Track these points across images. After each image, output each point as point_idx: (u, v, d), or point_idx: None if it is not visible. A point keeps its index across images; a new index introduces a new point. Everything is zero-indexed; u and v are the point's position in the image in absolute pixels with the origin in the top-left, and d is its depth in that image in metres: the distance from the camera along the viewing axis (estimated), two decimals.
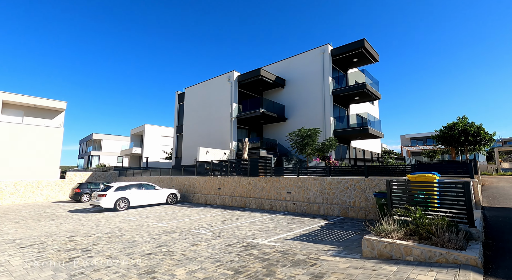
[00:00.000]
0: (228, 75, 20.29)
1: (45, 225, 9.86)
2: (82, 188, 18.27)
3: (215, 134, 20.62)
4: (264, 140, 19.05)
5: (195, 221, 9.81)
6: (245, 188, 13.50)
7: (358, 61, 19.36)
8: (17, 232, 8.71)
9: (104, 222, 10.06)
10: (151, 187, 14.94)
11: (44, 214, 12.82)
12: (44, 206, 16.49)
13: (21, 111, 24.62)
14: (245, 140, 16.26)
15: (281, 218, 9.82)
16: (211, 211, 12.30)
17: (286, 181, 11.83)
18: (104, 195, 12.89)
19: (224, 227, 8.42)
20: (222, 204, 14.42)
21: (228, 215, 10.84)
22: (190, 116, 23.52)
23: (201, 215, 11.06)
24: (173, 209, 13.24)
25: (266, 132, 21.96)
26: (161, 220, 10.28)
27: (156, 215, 11.44)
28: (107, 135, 47.44)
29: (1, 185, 18.40)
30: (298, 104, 19.94)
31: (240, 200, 13.50)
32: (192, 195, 16.33)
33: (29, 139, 22.82)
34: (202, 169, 16.63)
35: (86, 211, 13.43)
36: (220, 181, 14.93)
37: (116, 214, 12.08)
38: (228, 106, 19.90)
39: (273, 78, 19.78)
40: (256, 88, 21.36)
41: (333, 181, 10.23)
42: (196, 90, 23.47)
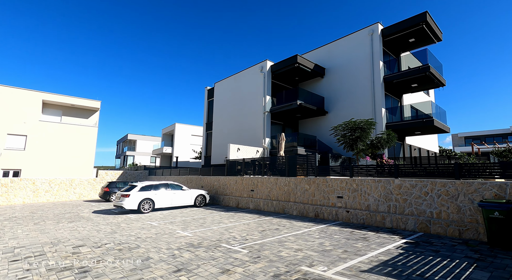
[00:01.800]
0: (261, 65, 18.42)
1: (60, 228, 8.77)
2: (111, 187, 17.67)
3: (247, 131, 18.85)
4: (301, 136, 16.79)
5: (225, 230, 7.98)
6: (283, 190, 11.42)
7: (416, 42, 16.21)
8: (27, 236, 7.63)
9: (123, 227, 8.68)
10: (178, 187, 13.55)
11: (67, 214, 12.01)
12: (73, 205, 16.04)
13: (59, 111, 25.28)
14: (281, 135, 14.20)
15: (335, 230, 7.57)
16: (244, 216, 10.43)
17: (335, 183, 9.53)
18: (128, 195, 11.72)
19: (263, 242, 6.44)
20: (256, 208, 12.50)
21: (265, 223, 8.85)
22: (220, 112, 22.09)
23: (232, 222, 9.23)
24: (201, 213, 11.63)
25: (302, 128, 19.67)
26: (186, 227, 8.63)
27: (182, 220, 9.87)
28: (141, 135, 48.57)
29: (37, 182, 18.53)
30: (341, 95, 17.36)
31: (277, 205, 11.45)
32: (222, 197, 14.67)
33: (66, 138, 23.20)
34: (233, 168, 14.92)
35: (110, 212, 12.41)
36: (253, 181, 13.04)
37: (139, 217, 10.77)
38: (260, 100, 18.01)
39: (312, 67, 17.46)
40: (291, 79, 19.19)
41: (404, 183, 7.71)
42: (226, 84, 21.99)
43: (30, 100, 22.30)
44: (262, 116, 17.72)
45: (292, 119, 19.63)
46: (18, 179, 17.99)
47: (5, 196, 17.21)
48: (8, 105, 21.15)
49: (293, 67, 16.90)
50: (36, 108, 22.58)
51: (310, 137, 17.21)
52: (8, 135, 21.19)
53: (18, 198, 17.62)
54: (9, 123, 21.05)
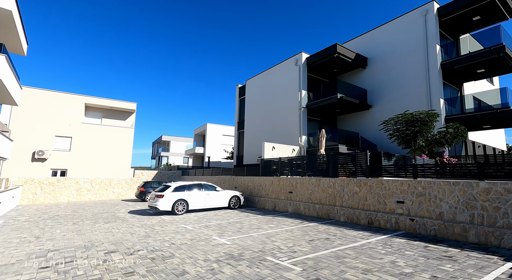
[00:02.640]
0: (295, 58, 17.23)
1: (96, 229, 8.51)
2: (146, 187, 17.76)
3: (281, 129, 17.77)
4: (342, 133, 15.26)
5: (267, 238, 7.00)
6: (327, 192, 10.15)
7: (481, 20, 13.77)
8: (63, 238, 7.40)
9: (157, 231, 8.15)
10: (212, 188, 12.93)
11: (105, 214, 11.99)
12: (111, 204, 16.32)
13: (100, 113, 26.53)
14: (322, 132, 12.88)
15: (401, 243, 6.17)
16: (284, 221, 9.37)
17: (393, 186, 8.05)
18: (162, 196, 11.33)
19: (317, 256, 5.33)
20: (295, 211, 11.37)
21: (311, 231, 7.70)
22: (252, 110, 21.29)
23: (273, 228, 8.22)
24: (237, 216, 10.82)
25: (341, 125, 18.05)
26: (222, 232, 7.82)
27: (217, 224, 9.11)
28: (174, 136, 49.94)
29: (80, 182, 19.35)
30: (387, 86, 15.49)
31: (320, 209, 10.21)
32: (257, 199, 13.77)
33: (105, 139, 24.17)
34: (268, 168, 13.94)
35: (145, 213, 12.17)
36: (291, 182, 11.93)
37: (173, 219, 10.27)
38: (295, 95, 16.81)
39: (352, 56, 15.84)
40: (329, 71, 17.70)
41: (495, 187, 6.05)
42: (257, 81, 21.14)
43: (74, 103, 23.60)
44: (298, 113, 16.50)
45: (330, 115, 18.12)
46: (64, 178, 18.92)
47: (52, 194, 18.17)
48: (55, 109, 22.56)
49: (332, 58, 15.44)
50: (80, 111, 23.83)
51: (352, 134, 15.60)
52: (56, 137, 22.57)
53: (64, 196, 18.52)
54: (56, 126, 22.42)
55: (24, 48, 13.76)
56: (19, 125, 20.94)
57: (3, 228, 8.89)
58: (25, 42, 13.48)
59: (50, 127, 22.11)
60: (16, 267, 4.91)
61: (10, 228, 8.89)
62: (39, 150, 21.19)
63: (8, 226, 9.18)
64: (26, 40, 13.69)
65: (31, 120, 21.47)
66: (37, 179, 17.85)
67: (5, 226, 9.18)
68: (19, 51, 13.61)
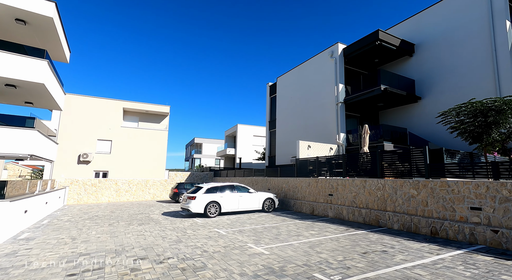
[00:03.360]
0: (331, 49, 15.97)
1: (129, 231, 8.30)
2: (179, 188, 17.79)
3: (316, 127, 16.59)
4: (387, 129, 13.63)
5: (310, 247, 6.06)
6: (375, 195, 8.86)
7: None
8: (97, 240, 7.23)
9: (189, 235, 7.65)
10: (245, 189, 12.29)
11: (140, 215, 11.98)
12: (147, 205, 16.55)
13: (136, 117, 27.66)
14: (365, 128, 11.53)
15: (488, 263, 4.82)
16: (326, 228, 8.31)
17: (465, 188, 6.58)
18: (194, 197, 10.95)
19: (378, 276, 4.28)
20: (337, 216, 10.21)
21: (361, 240, 6.58)
22: (284, 108, 20.37)
23: (315, 235, 7.24)
24: (272, 220, 9.99)
25: (384, 120, 16.32)
26: (258, 239, 7.05)
27: (252, 229, 8.38)
28: (206, 139, 50.85)
29: (119, 183, 20.10)
30: (439, 75, 13.53)
31: (367, 214, 8.95)
32: (292, 202, 12.81)
33: (141, 141, 25.03)
34: (304, 168, 12.91)
35: (177, 215, 11.92)
36: (331, 184, 10.79)
37: (205, 222, 9.78)
38: (332, 89, 15.54)
39: (397, 43, 14.16)
40: (369, 62, 16.13)
41: None
42: (289, 77, 20.18)
43: (113, 108, 24.81)
44: (335, 108, 15.20)
45: (371, 110, 16.49)
46: (104, 180, 19.80)
47: (94, 195, 19.08)
48: (97, 114, 23.90)
49: (373, 46, 13.93)
50: (119, 116, 24.99)
51: (398, 130, 13.88)
52: (98, 141, 23.86)
53: (105, 197, 19.35)
54: (98, 130, 23.72)
55: (67, 55, 14.51)
56: (66, 130, 22.52)
57: (47, 227, 9.12)
58: (67, 49, 14.20)
59: (93, 131, 23.46)
60: (45, 273, 4.64)
61: (52, 228, 9.09)
62: (83, 153, 22.57)
63: (51, 226, 9.43)
64: (68, 48, 14.43)
65: (77, 125, 22.98)
66: (81, 180, 18.87)
67: (49, 226, 9.44)
68: (62, 59, 14.38)
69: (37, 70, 9.93)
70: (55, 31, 11.37)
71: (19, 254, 5.89)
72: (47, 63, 10.26)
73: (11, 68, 9.49)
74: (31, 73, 9.79)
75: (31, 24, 10.72)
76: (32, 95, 11.64)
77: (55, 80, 12.02)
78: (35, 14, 9.95)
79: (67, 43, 13.96)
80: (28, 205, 9.17)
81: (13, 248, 6.49)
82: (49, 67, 10.62)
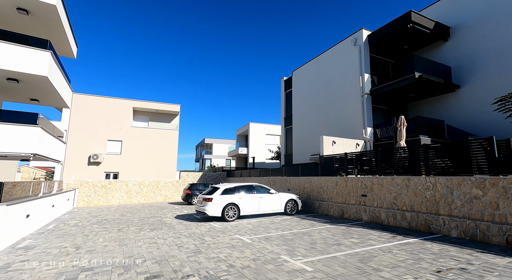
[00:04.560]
0: (354, 37, 14.65)
1: (140, 239, 7.30)
2: (192, 189, 16.83)
3: (339, 121, 15.29)
4: (422, 121, 12.18)
5: (361, 262, 4.87)
6: (422, 196, 7.56)
7: None
8: (104, 249, 6.25)
9: (208, 243, 6.58)
10: (265, 190, 11.16)
11: (151, 219, 11.03)
12: (159, 207, 15.66)
13: (146, 116, 27.00)
14: (401, 120, 10.19)
15: None
16: (367, 234, 7.07)
17: None
18: (210, 199, 9.89)
19: None
20: (373, 220, 8.93)
21: (422, 253, 5.32)
22: (301, 103, 19.13)
23: (358, 244, 6.02)
24: (299, 225, 8.81)
25: (414, 113, 14.86)
26: (291, 249, 5.90)
27: (279, 236, 7.22)
28: (217, 139, 50.07)
29: (129, 184, 19.35)
30: (481, 60, 12.04)
31: (414, 218, 7.64)
32: (317, 203, 11.59)
33: (152, 141, 24.31)
34: (329, 166, 11.68)
35: (192, 218, 10.91)
36: (364, 183, 9.52)
37: (224, 227, 8.69)
38: (356, 80, 14.23)
39: (431, 26, 12.72)
40: (397, 49, 14.70)
41: None
42: (306, 70, 18.94)
43: (123, 108, 24.20)
44: (360, 101, 13.88)
45: (400, 102, 15.06)
46: (115, 181, 19.08)
47: (105, 196, 18.37)
48: (107, 114, 23.32)
49: (404, 30, 12.56)
50: (129, 115, 24.36)
51: (435, 122, 12.43)
52: (108, 141, 23.27)
53: (115, 199, 18.61)
54: (108, 130, 23.12)
55: (74, 50, 13.78)
56: (76, 131, 22.00)
57: (51, 234, 8.26)
58: (74, 43, 13.46)
59: (103, 132, 22.88)
60: None
61: (57, 234, 8.22)
62: (94, 154, 21.99)
63: (56, 231, 8.57)
64: (75, 42, 13.70)
65: (86, 126, 22.43)
66: (90, 182, 18.20)
67: (54, 231, 8.59)
68: (69, 54, 13.66)
69: (39, 61, 9.11)
70: (59, 21, 10.57)
71: (12, 269, 4.95)
72: (50, 55, 9.44)
73: (12, 59, 8.70)
74: (33, 65, 8.98)
75: (33, 14, 9.95)
76: (36, 91, 10.88)
77: (61, 75, 11.23)
78: (36, 1, 9.15)
79: (73, 36, 13.22)
80: (30, 209, 8.33)
81: (8, 259, 5.58)
82: (53, 59, 9.80)
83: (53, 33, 11.24)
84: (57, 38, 11.67)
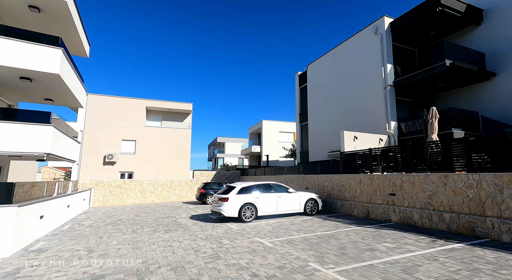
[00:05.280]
0: (375, 25, 13.74)
1: (154, 241, 6.91)
2: (206, 188, 16.47)
3: (358, 116, 14.44)
4: (454, 113, 11.16)
5: (405, 272, 4.19)
6: (464, 195, 6.73)
7: None
8: (117, 253, 5.88)
9: (227, 247, 6.07)
10: (283, 189, 10.56)
11: (166, 219, 10.69)
12: (173, 207, 15.39)
13: (159, 116, 26.97)
14: (432, 111, 9.30)
15: None
16: (401, 238, 6.33)
17: None
18: (226, 199, 9.41)
19: None
20: (404, 221, 8.15)
21: (475, 262, 4.57)
22: (317, 98, 18.35)
23: (394, 250, 5.32)
24: (322, 226, 8.16)
25: (441, 106, 13.78)
26: (319, 255, 5.29)
27: (303, 239, 6.62)
28: (229, 138, 49.84)
29: (144, 184, 19.25)
30: None
31: (454, 220, 6.83)
32: (339, 202, 10.87)
33: (165, 141, 24.22)
34: (352, 163, 10.93)
35: (207, 219, 10.48)
36: (392, 181, 8.74)
37: (242, 229, 8.18)
38: (377, 71, 13.33)
39: (462, 9, 11.66)
40: (423, 36, 13.63)
41: None
42: (322, 63, 18.12)
43: (137, 107, 24.21)
44: (382, 93, 12.98)
45: (426, 93, 14.01)
46: (129, 181, 19.03)
47: (120, 196, 18.35)
48: (121, 113, 23.39)
49: (432, 15, 11.56)
50: (142, 115, 24.36)
51: (468, 114, 11.38)
52: (123, 141, 23.36)
53: (130, 199, 18.56)
54: (122, 130, 23.19)
55: (86, 49, 13.66)
56: (91, 132, 22.17)
57: (65, 235, 8.04)
58: (86, 42, 13.33)
59: (117, 132, 22.97)
60: None
61: (71, 235, 7.99)
62: (108, 154, 22.11)
63: (70, 233, 8.35)
64: (87, 41, 13.57)
65: (101, 126, 22.57)
66: (106, 182, 18.21)
67: (68, 233, 8.38)
68: (81, 53, 13.55)
69: (51, 59, 8.89)
70: (71, 19, 10.37)
71: (20, 275, 4.63)
72: (62, 52, 9.21)
73: (23, 58, 8.52)
74: (45, 62, 8.76)
75: (45, 11, 9.77)
76: (50, 90, 10.74)
77: (73, 73, 11.05)
78: None
79: (85, 35, 13.08)
80: (44, 210, 8.13)
81: (19, 264, 5.30)
82: (65, 57, 9.59)
83: (65, 32, 11.08)
84: (69, 36, 11.52)
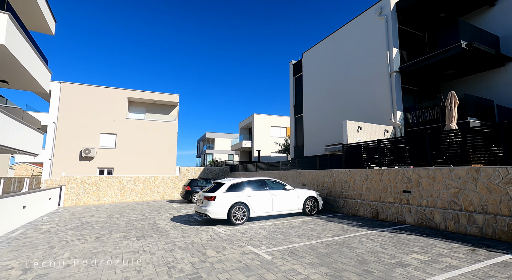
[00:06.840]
0: (379, 5, 12.48)
1: (120, 252, 5.37)
2: (192, 186, 14.93)
3: (360, 106, 13.22)
4: (469, 100, 10.07)
5: None
6: (502, 192, 5.56)
7: None
8: (62, 273, 4.34)
9: (211, 262, 4.63)
10: (279, 185, 9.19)
11: (142, 222, 9.12)
12: (155, 206, 13.78)
13: (143, 108, 25.01)
14: (451, 96, 8.12)
15: None
16: (431, 246, 5.08)
17: None
18: (213, 198, 7.94)
19: None
20: (423, 223, 6.94)
21: None
22: (313, 88, 17.04)
23: (430, 265, 4.04)
24: (327, 229, 6.84)
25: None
26: (336, 273, 3.93)
27: (308, 248, 5.25)
28: (218, 133, 48.16)
29: (123, 181, 17.48)
30: None
31: (487, 223, 5.65)
32: (342, 201, 9.62)
33: (149, 134, 22.42)
34: (356, 157, 9.67)
35: (191, 220, 8.99)
36: (406, 176, 7.52)
37: (231, 234, 6.74)
38: (382, 57, 12.11)
39: None
40: (431, 17, 12.46)
41: None
42: (319, 50, 16.79)
43: (117, 98, 22.22)
44: (387, 80, 11.78)
45: (433, 81, 12.92)
46: (106, 177, 17.22)
47: (95, 194, 16.54)
48: (100, 105, 21.36)
49: None
50: (123, 106, 22.40)
51: (483, 103, 10.31)
52: (101, 135, 21.37)
53: (107, 197, 16.77)
54: (101, 122, 21.20)
55: (51, 25, 11.77)
56: (65, 124, 20.08)
57: (8, 245, 6.37)
58: (50, 17, 11.46)
59: (95, 124, 20.96)
60: None
61: (15, 245, 6.33)
62: (85, 148, 20.11)
63: (17, 241, 6.69)
64: (52, 16, 11.70)
65: (77, 118, 20.50)
66: (79, 178, 16.34)
67: (15, 241, 6.71)
68: (44, 29, 11.64)
69: None
70: None
71: None
72: (9, 17, 7.42)
73: None
74: None
75: None
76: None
77: (30, 50, 9.22)
78: None
79: (49, 9, 11.21)
80: None
81: None
82: (15, 25, 7.79)
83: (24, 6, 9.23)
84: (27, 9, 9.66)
